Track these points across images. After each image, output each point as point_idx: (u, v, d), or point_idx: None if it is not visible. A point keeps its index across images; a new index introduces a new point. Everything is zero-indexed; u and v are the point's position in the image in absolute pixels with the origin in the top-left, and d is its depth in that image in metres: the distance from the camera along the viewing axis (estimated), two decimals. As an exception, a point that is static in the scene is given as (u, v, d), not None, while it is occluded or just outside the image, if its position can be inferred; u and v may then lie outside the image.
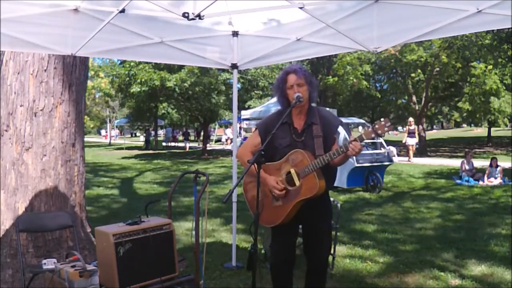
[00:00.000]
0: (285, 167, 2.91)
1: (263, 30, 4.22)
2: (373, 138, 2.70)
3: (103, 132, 58.63)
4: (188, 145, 31.45)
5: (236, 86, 5.04)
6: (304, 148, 2.88)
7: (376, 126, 2.64)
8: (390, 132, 2.79)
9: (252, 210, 3.07)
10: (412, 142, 17.83)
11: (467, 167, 11.67)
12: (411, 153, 17.74)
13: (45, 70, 4.37)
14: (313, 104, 3.08)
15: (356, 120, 13.26)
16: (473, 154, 13.10)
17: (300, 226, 3.16)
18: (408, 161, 17.33)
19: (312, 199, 2.84)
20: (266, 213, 2.92)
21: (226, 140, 33.59)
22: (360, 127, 11.33)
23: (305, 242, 3.11)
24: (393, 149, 17.38)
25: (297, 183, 2.85)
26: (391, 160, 10.51)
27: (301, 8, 3.00)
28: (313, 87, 2.96)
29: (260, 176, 2.74)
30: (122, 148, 30.48)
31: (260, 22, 4.13)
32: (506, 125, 26.25)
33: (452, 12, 3.03)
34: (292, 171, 2.87)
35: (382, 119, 2.66)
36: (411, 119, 18.75)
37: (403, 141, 18.18)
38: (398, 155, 18.69)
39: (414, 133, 17.77)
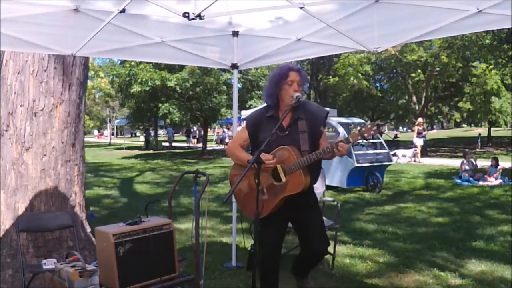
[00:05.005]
0: None
1: (263, 30, 4.22)
2: (361, 140, 2.81)
3: (95, 132, 58.44)
4: (190, 143, 31.50)
5: (236, 86, 5.05)
6: (290, 143, 2.93)
7: (363, 129, 2.74)
8: (386, 132, 2.86)
9: (238, 202, 3.17)
10: (420, 142, 17.86)
11: (467, 167, 11.68)
12: (418, 153, 17.75)
13: (45, 70, 4.37)
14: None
15: (356, 120, 13.23)
16: (472, 155, 13.12)
17: (291, 225, 3.21)
18: (415, 161, 17.32)
19: (297, 195, 2.91)
20: (253, 206, 2.96)
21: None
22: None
23: (300, 236, 3.15)
24: (407, 152, 17.30)
25: (283, 179, 2.93)
26: (391, 160, 10.51)
27: (301, 8, 3.01)
28: (305, 88, 3.12)
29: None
30: (122, 148, 30.45)
31: (260, 22, 4.13)
32: (506, 125, 26.23)
33: (452, 12, 3.04)
34: (279, 167, 2.94)
35: (369, 123, 2.77)
36: (420, 119, 18.74)
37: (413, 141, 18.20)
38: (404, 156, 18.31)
39: (421, 133, 17.80)
